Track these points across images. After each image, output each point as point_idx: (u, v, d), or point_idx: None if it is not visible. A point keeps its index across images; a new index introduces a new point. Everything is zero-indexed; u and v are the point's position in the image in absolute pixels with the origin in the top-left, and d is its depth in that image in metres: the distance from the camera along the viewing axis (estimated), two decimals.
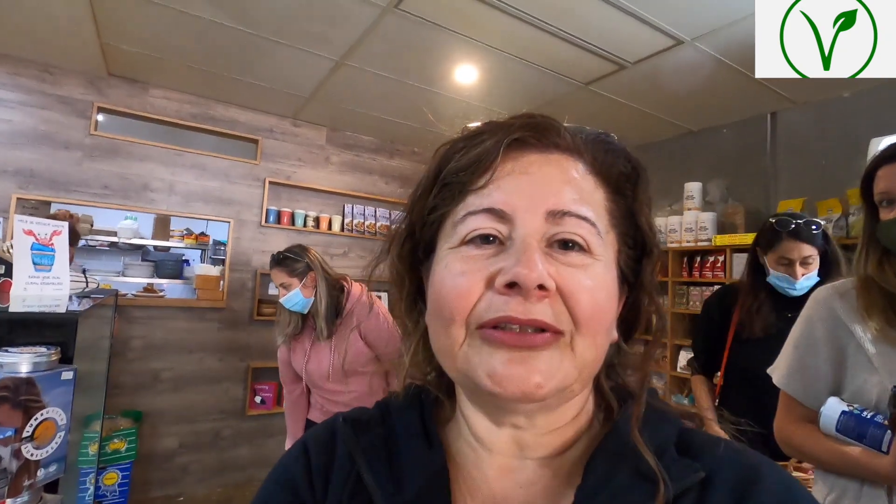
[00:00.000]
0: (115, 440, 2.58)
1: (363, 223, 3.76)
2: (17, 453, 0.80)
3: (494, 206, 0.35)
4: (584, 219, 0.35)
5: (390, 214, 3.91)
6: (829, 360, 0.94)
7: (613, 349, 0.40)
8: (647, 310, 0.40)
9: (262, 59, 2.63)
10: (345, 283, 1.82)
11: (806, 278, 1.46)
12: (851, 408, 0.87)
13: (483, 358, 0.33)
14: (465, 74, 2.68)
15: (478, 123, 0.41)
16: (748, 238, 2.56)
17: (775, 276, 1.52)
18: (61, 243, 1.32)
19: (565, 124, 0.40)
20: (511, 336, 0.33)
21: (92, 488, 2.15)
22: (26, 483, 0.82)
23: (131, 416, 2.82)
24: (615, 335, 0.39)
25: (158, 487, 3.00)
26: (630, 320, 0.41)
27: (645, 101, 2.88)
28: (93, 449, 2.22)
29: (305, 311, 1.77)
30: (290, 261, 1.77)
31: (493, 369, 0.33)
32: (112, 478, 2.54)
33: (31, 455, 0.82)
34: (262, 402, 3.30)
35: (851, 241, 2.34)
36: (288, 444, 1.94)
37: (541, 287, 0.32)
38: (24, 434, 0.81)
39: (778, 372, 1.03)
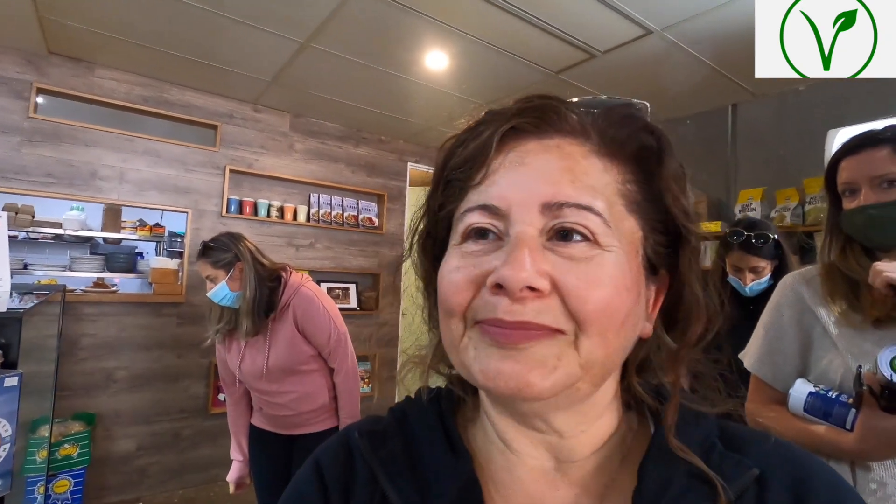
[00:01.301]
0: (66, 445, 2.42)
1: (330, 213, 3.66)
2: None
3: (488, 203, 0.34)
4: (586, 208, 0.32)
5: (357, 204, 3.82)
6: (797, 343, 0.98)
7: (652, 343, 0.38)
8: (689, 301, 0.37)
9: (221, 39, 2.49)
10: (283, 274, 1.68)
11: (756, 283, 1.62)
12: (818, 388, 0.90)
13: (479, 353, 0.33)
14: (436, 61, 2.62)
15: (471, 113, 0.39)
16: (711, 227, 2.64)
17: (731, 278, 1.68)
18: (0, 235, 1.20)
19: (576, 98, 0.37)
20: (502, 333, 0.31)
21: (41, 498, 2.00)
22: None
23: (83, 419, 2.65)
24: (647, 329, 0.36)
25: (115, 492, 2.84)
26: (672, 312, 0.38)
27: (613, 90, 2.89)
28: (41, 455, 2.08)
29: (237, 306, 1.62)
30: (214, 251, 1.61)
31: (486, 365, 0.32)
32: (63, 485, 2.39)
33: None
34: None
35: (807, 229, 2.46)
36: (232, 453, 1.79)
37: (532, 288, 0.31)
38: None
39: (749, 357, 1.06)
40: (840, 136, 1.99)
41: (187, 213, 3.12)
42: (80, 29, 2.45)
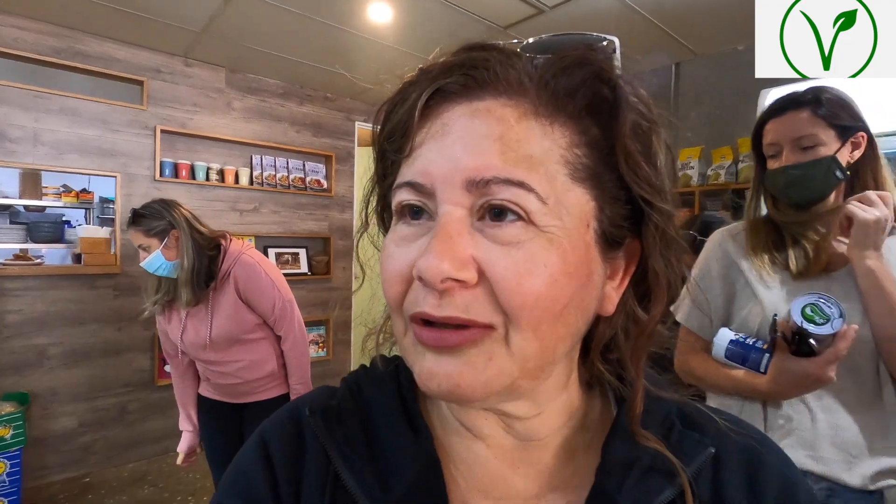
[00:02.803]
0: None
1: (274, 175, 3.50)
2: None
3: (414, 180, 0.30)
4: (518, 184, 0.28)
5: (304, 165, 3.67)
6: (723, 295, 1.04)
7: (619, 320, 0.35)
8: (664, 274, 0.33)
9: None
10: (222, 241, 1.62)
11: None
12: (737, 336, 0.97)
13: (417, 355, 0.31)
14: (379, 12, 2.49)
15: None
16: None
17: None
18: None
19: (531, 39, 0.33)
20: (431, 335, 0.29)
21: None
22: None
23: (15, 399, 2.50)
24: (609, 307, 0.34)
25: (58, 471, 2.74)
26: (641, 284, 0.35)
27: None
28: None
29: (175, 276, 1.56)
30: (146, 219, 1.53)
31: (422, 368, 0.31)
32: None
33: None
34: None
35: (740, 186, 2.58)
36: (181, 424, 1.76)
37: (456, 279, 0.28)
38: None
39: (680, 310, 1.11)
40: (772, 96, 2.07)
41: (116, 177, 2.89)
42: None
